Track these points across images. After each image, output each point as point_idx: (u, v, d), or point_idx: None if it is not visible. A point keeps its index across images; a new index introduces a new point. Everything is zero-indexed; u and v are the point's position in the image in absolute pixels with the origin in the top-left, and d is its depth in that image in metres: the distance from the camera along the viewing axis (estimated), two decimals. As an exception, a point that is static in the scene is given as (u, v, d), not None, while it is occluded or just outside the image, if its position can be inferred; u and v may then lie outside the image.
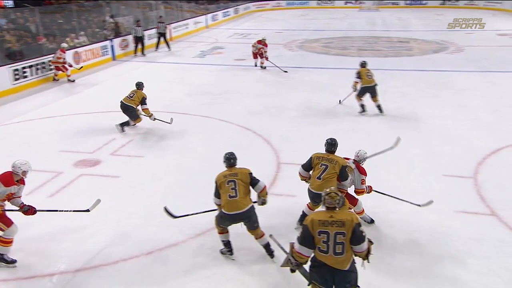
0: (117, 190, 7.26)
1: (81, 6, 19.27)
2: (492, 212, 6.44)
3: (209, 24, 28.39)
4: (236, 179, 5.14)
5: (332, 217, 3.82)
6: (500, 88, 13.37)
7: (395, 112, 11.06)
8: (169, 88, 13.64)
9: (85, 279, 5.18)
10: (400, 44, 21.63)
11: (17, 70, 13.03)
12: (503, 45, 20.71)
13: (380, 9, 37.72)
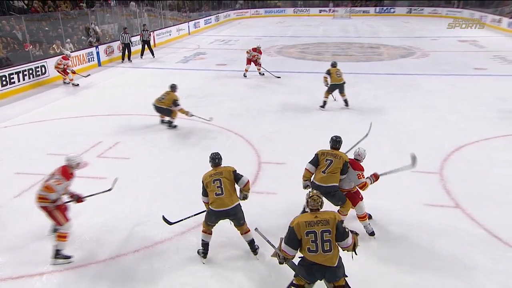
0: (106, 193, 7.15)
1: (67, 14, 19.02)
2: (457, 205, 6.57)
3: (192, 31, 28.28)
4: (221, 177, 5.15)
5: (317, 217, 3.92)
6: (461, 90, 13.61)
7: (368, 113, 11.15)
8: (154, 92, 13.31)
9: (73, 278, 5.10)
10: (371, 50, 21.86)
11: (4, 76, 12.82)
12: (464, 51, 21.09)
13: (352, 17, 38.05)
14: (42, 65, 14.41)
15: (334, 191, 5.53)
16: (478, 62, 17.88)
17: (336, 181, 5.47)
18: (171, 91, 10.12)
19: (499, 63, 17.78)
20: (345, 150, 5.83)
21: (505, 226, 5.86)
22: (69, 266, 5.26)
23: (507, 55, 19.19)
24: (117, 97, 13.22)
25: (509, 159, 8.34)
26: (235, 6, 40.07)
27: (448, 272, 5.02)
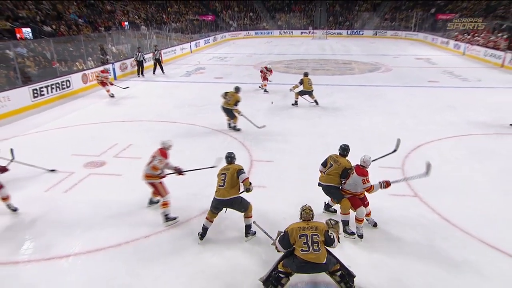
0: (119, 186, 7.21)
1: (88, 37, 18.96)
2: (415, 194, 6.72)
3: (193, 50, 28.21)
4: (227, 172, 5.27)
5: (308, 224, 4.22)
6: (419, 99, 13.75)
7: (342, 119, 11.27)
8: (161, 102, 13.49)
9: (95, 261, 5.10)
10: (344, 65, 21.92)
11: (36, 89, 12.76)
12: (420, 66, 21.30)
13: (328, 38, 38.15)
14: (67, 80, 14.34)
15: (332, 190, 5.55)
16: (431, 76, 18.06)
17: (334, 182, 5.48)
18: (235, 92, 10.03)
19: (448, 76, 17.98)
20: (372, 160, 5.52)
21: (453, 211, 5.98)
22: (93, 248, 5.28)
23: (454, 70, 19.44)
24: (131, 106, 13.14)
25: (456, 155, 8.54)
26: (230, 29, 39.99)
27: (408, 248, 5.20)
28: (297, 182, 7.24)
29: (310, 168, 7.68)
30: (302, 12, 43.41)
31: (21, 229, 5.76)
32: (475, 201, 6.54)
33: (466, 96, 14.07)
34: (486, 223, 5.82)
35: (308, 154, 8.58)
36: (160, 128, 10.52)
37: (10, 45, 14.11)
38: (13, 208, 6.10)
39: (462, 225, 5.64)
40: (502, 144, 9.18)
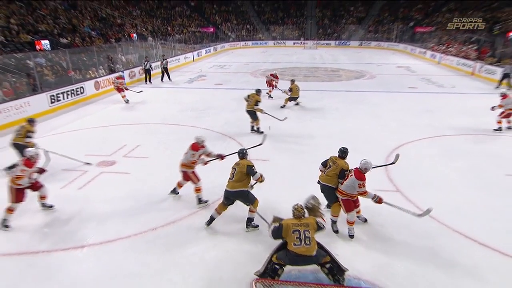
0: (128, 183, 7.19)
1: (100, 47, 19.00)
2: (397, 189, 6.76)
3: (195, 59, 28.13)
4: (237, 167, 5.33)
5: (300, 221, 4.25)
6: (399, 103, 13.81)
7: (331, 121, 11.29)
8: (166, 106, 13.47)
9: (103, 250, 5.12)
10: (333, 73, 21.94)
11: (53, 95, 12.76)
12: (400, 74, 21.31)
13: (318, 48, 38.20)
14: (81, 87, 14.30)
15: (328, 190, 5.44)
16: (410, 82, 18.09)
17: (332, 182, 5.38)
18: (255, 93, 10.01)
19: (425, 83, 18.03)
20: (373, 167, 5.30)
21: (429, 204, 5.94)
22: (106, 240, 5.30)
23: (431, 78, 19.51)
24: (138, 110, 13.11)
25: (432, 154, 8.58)
26: (229, 39, 39.98)
27: (389, 236, 5.31)
28: (290, 179, 7.27)
29: (302, 166, 7.76)
30: (294, 24, 43.44)
31: (40, 223, 5.77)
32: (449, 194, 6.59)
33: (442, 101, 14.14)
34: (458, 215, 5.89)
35: (300, 153, 8.62)
36: (165, 130, 10.52)
37: (30, 55, 14.19)
38: (48, 206, 6.10)
39: (437, 217, 5.69)
40: (473, 144, 9.25)
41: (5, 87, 11.75)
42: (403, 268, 4.71)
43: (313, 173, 5.91)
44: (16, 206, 5.52)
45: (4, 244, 5.28)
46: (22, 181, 5.44)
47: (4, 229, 5.48)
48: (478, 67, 19.63)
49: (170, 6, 40.82)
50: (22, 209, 5.77)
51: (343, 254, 4.76)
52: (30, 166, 5.56)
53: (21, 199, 5.53)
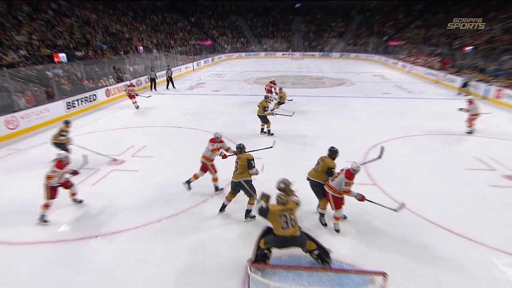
0: (136, 179, 7.12)
1: (110, 59, 18.83)
2: (374, 183, 6.76)
3: (195, 68, 27.97)
4: (239, 161, 5.38)
5: (285, 207, 4.20)
6: (375, 107, 13.83)
7: (316, 124, 11.26)
8: (169, 111, 13.38)
9: (113, 239, 5.08)
10: (317, 80, 21.98)
11: (69, 102, 12.65)
12: (376, 81, 21.41)
13: (304, 58, 38.27)
14: (94, 94, 14.16)
15: (317, 185, 5.30)
16: (385, 89, 18.22)
17: (320, 178, 5.24)
18: (264, 100, 9.89)
19: (397, 90, 18.16)
20: (361, 164, 5.14)
21: (402, 195, 6.06)
22: (116, 230, 5.23)
23: (402, 85, 19.64)
24: (145, 114, 12.97)
25: (404, 152, 8.63)
26: (225, 51, 39.87)
27: (365, 223, 5.31)
28: (281, 174, 7.19)
29: (290, 162, 7.75)
30: (283, 37, 43.48)
31: (55, 215, 5.67)
32: (419, 187, 6.65)
33: (412, 105, 14.24)
34: (427, 204, 5.93)
35: (289, 151, 8.63)
36: (169, 132, 10.44)
37: (49, 67, 14.14)
38: (79, 201, 6.02)
39: (409, 206, 5.72)
40: (439, 142, 9.34)
41: (27, 95, 11.66)
42: (380, 252, 4.73)
43: (302, 169, 5.89)
44: (51, 202, 5.47)
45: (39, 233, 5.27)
46: (53, 181, 5.37)
47: (44, 224, 5.40)
48: (442, 76, 19.87)
49: (172, 22, 40.61)
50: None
51: (328, 243, 4.75)
52: (61, 167, 5.47)
53: (54, 196, 5.48)
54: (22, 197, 6.32)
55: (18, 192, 6.57)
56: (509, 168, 7.48)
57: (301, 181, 5.45)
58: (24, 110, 10.68)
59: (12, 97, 10.71)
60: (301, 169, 5.97)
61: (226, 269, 4.42)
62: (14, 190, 6.67)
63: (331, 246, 4.65)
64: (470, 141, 9.50)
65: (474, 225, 5.34)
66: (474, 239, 5.00)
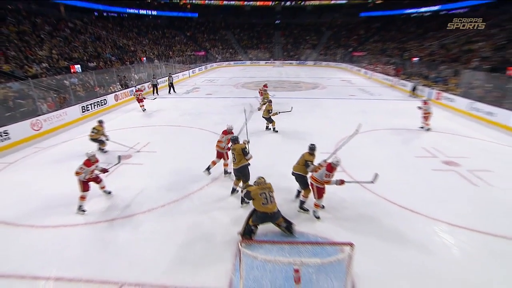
0: (141, 172, 6.97)
1: (118, 69, 18.41)
2: (343, 170, 6.78)
3: (191, 75, 27.45)
4: (235, 152, 5.41)
5: (263, 186, 4.27)
6: (343, 106, 13.89)
7: (295, 122, 11.17)
8: (169, 112, 13.14)
9: (128, 222, 4.96)
10: (295, 84, 21.89)
11: (84, 106, 12.33)
12: (344, 85, 21.47)
13: (284, 66, 38.15)
14: (104, 99, 13.79)
15: (299, 177, 5.19)
16: (351, 92, 18.33)
17: (300, 171, 5.12)
18: (268, 103, 9.72)
19: (361, 92, 18.32)
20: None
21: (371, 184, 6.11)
22: (128, 214, 5.08)
23: (365, 88, 19.84)
24: (148, 115, 12.66)
25: (367, 143, 8.72)
26: (216, 60, 39.31)
27: (339, 207, 5.28)
28: (266, 165, 7.22)
29: (273, 155, 7.75)
30: (266, 48, 43.22)
31: (72, 204, 5.50)
32: (380, 173, 6.67)
33: (372, 105, 14.41)
34: (386, 188, 6.02)
35: (271, 145, 8.62)
36: (169, 130, 10.26)
37: (66, 77, 13.88)
38: (108, 192, 5.84)
39: (371, 189, 5.85)
40: (394, 135, 9.51)
41: (48, 101, 11.37)
42: (348, 227, 4.81)
43: (285, 160, 5.90)
44: (85, 194, 5.31)
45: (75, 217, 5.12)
46: (80, 176, 5.19)
47: (82, 213, 5.25)
48: (396, 81, 20.25)
49: (171, 36, 39.82)
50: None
51: (307, 225, 4.80)
52: (89, 165, 5.28)
53: (87, 189, 5.32)
54: (46, 188, 6.18)
55: (43, 183, 6.41)
56: (447, 156, 7.73)
57: (281, 168, 5.47)
58: (46, 114, 10.44)
59: (36, 103, 10.54)
60: (284, 160, 6.00)
61: (221, 245, 4.42)
62: (40, 182, 6.50)
63: (310, 227, 4.71)
64: (419, 134, 9.72)
65: (421, 202, 5.51)
66: (421, 213, 5.17)
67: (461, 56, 19.62)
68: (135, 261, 4.16)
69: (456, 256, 4.24)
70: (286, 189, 5.80)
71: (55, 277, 3.91)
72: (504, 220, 5.00)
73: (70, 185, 6.13)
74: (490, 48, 18.56)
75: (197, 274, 3.91)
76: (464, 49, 20.41)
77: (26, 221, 5.08)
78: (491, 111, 11.12)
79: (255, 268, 3.85)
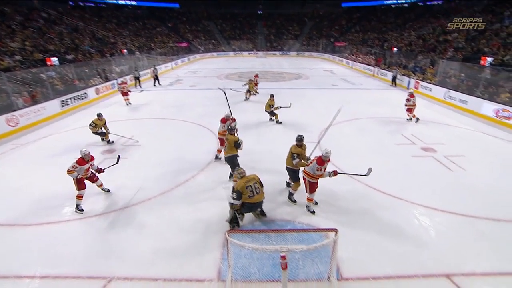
0: (127, 165, 6.77)
1: (98, 61, 17.63)
2: (327, 159, 6.88)
3: (173, 67, 26.81)
4: (227, 142, 5.43)
5: (248, 179, 4.25)
6: (327, 96, 14.06)
7: (280, 112, 11.03)
8: (152, 104, 12.81)
9: (113, 216, 4.85)
10: (278, 75, 21.87)
11: (63, 100, 11.75)
12: (326, 75, 21.62)
13: (267, 57, 37.91)
14: (84, 92, 13.22)
15: (289, 171, 5.13)
16: (333, 82, 18.48)
17: (289, 164, 5.04)
18: (270, 98, 9.62)
19: (343, 82, 18.51)
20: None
21: (348, 166, 6.26)
22: (119, 207, 4.94)
23: (346, 78, 20.07)
24: (131, 108, 12.29)
25: (349, 132, 8.87)
26: (199, 51, 38.46)
27: (320, 192, 5.31)
28: (248, 154, 7.23)
29: (263, 144, 7.73)
30: (249, 39, 42.65)
31: (62, 199, 5.33)
32: (361, 159, 6.93)
33: (354, 94, 14.61)
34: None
35: (260, 135, 8.59)
36: (153, 123, 10.02)
37: (43, 70, 13.20)
38: (106, 190, 5.58)
39: (354, 176, 5.97)
40: (375, 124, 9.72)
41: (24, 96, 10.79)
42: (330, 212, 4.91)
43: (271, 149, 5.90)
44: (81, 192, 5.05)
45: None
46: (72, 175, 4.90)
47: (80, 213, 4.99)
48: (376, 71, 20.61)
49: (152, 27, 38.39)
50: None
51: (293, 214, 4.86)
52: (82, 164, 4.98)
53: (82, 187, 5.05)
54: (27, 185, 5.93)
55: (24, 180, 6.14)
56: (425, 143, 8.01)
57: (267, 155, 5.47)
58: (23, 109, 9.89)
59: (11, 98, 9.96)
60: (270, 149, 6.01)
61: (209, 235, 4.42)
62: (21, 179, 6.22)
63: (295, 216, 4.81)
64: (398, 122, 9.98)
65: (401, 187, 5.70)
66: (401, 198, 5.36)
67: (438, 46, 20.16)
68: (123, 255, 4.10)
69: (432, 236, 4.45)
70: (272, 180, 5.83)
71: (40, 275, 3.79)
72: (474, 201, 5.27)
73: (52, 182, 5.95)
74: (464, 38, 19.15)
75: (186, 265, 3.90)
76: (440, 39, 20.95)
77: (8, 219, 4.88)
78: (464, 99, 11.57)
79: (243, 256, 3.88)
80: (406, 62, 19.42)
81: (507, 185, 5.78)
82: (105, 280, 3.70)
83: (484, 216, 4.85)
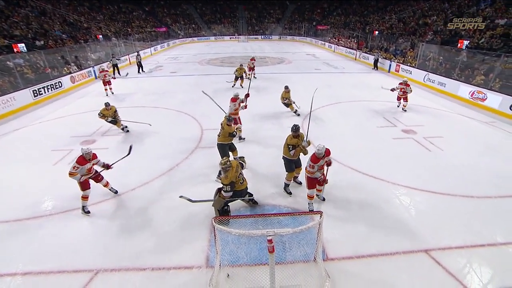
0: (108, 156, 6.43)
1: (72, 48, 16.55)
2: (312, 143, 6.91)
3: (153, 53, 25.84)
4: (222, 130, 5.40)
5: (234, 168, 4.17)
6: (309, 80, 14.05)
7: (263, 96, 11.12)
8: (132, 92, 12.34)
9: (97, 208, 4.70)
10: (261, 60, 21.52)
11: (35, 90, 11.04)
12: (309, 60, 21.55)
13: (249, 41, 37.21)
14: (59, 81, 12.47)
15: (284, 160, 5.00)
16: (316, 66, 18.48)
17: (285, 153, 4.92)
18: (284, 91, 9.02)
19: (326, 66, 18.53)
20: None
21: (331, 148, 6.30)
22: (108, 197, 4.79)
23: (329, 62, 20.11)
24: (110, 97, 11.75)
25: (332, 115, 8.94)
26: (179, 37, 37.12)
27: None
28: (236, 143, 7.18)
29: (247, 131, 7.66)
30: (230, 23, 41.53)
31: (40, 195, 5.09)
32: (344, 142, 7.04)
33: (337, 78, 14.68)
34: (349, 156, 6.33)
35: (244, 122, 8.45)
36: (134, 111, 9.67)
37: (9, 57, 12.19)
38: (114, 191, 5.14)
39: (337, 157, 6.09)
40: (357, 107, 9.85)
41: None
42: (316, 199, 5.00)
43: (254, 135, 5.86)
44: (86, 193, 4.64)
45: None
46: (75, 177, 4.46)
47: (86, 214, 4.64)
48: (358, 55, 20.71)
49: (128, 11, 36.41)
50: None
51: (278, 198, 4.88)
52: (83, 163, 4.51)
53: (87, 187, 4.63)
54: (1, 180, 5.60)
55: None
56: (405, 125, 8.24)
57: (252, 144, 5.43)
58: (-11, 100, 9.18)
59: None
60: (253, 135, 5.96)
61: (195, 223, 4.40)
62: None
63: (281, 201, 4.81)
64: (380, 105, 10.16)
65: (383, 168, 5.86)
66: (383, 178, 5.52)
67: (418, 29, 20.42)
68: (109, 247, 4.02)
69: (412, 215, 4.63)
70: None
71: (22, 272, 3.65)
72: (451, 180, 5.51)
73: (28, 176, 5.67)
74: (441, 22, 19.48)
75: (173, 253, 3.88)
76: (420, 23, 21.21)
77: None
78: (443, 81, 11.90)
79: (230, 242, 3.90)
80: (388, 46, 19.61)
81: (480, 164, 6.08)
82: (92, 273, 3.62)
83: (460, 194, 5.09)
